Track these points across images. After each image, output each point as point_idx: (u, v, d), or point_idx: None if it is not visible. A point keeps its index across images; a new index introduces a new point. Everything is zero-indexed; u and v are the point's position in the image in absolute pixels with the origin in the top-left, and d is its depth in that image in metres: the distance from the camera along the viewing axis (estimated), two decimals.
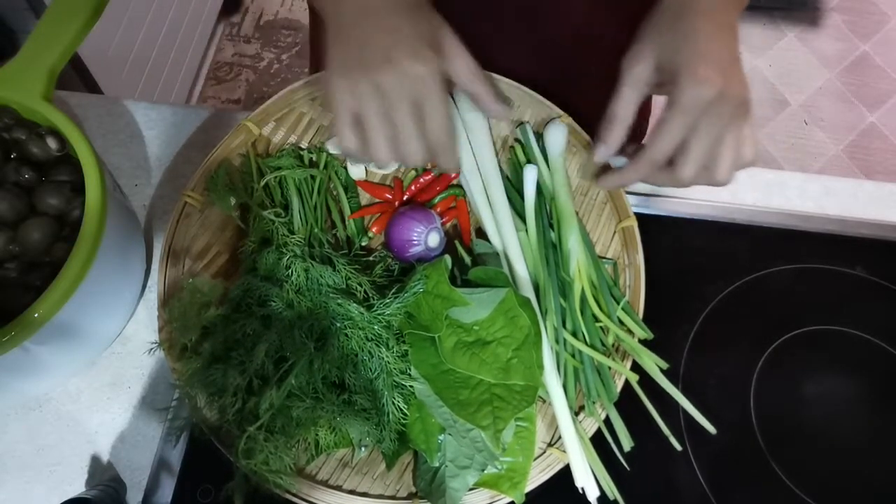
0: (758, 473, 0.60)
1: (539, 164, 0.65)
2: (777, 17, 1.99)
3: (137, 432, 0.61)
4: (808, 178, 0.72)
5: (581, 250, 0.61)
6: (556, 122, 0.66)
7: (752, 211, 0.69)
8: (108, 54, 1.44)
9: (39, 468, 0.60)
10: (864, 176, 1.81)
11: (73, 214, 0.54)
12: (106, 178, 0.54)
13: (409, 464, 0.58)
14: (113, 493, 0.57)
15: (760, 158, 1.80)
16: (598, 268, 0.61)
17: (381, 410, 0.55)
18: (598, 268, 0.62)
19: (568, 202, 0.63)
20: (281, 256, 0.58)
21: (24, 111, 0.57)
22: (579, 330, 0.59)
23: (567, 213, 0.62)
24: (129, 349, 0.64)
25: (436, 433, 0.55)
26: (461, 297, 0.55)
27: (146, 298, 0.65)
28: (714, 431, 0.57)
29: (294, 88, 0.67)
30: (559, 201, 0.63)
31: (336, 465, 0.58)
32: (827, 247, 0.68)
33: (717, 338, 0.65)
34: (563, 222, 0.62)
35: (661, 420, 0.57)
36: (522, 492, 0.55)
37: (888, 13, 2.00)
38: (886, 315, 0.66)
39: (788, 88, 1.91)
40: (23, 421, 0.61)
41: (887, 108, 1.88)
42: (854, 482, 0.60)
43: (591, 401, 0.57)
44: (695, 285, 0.67)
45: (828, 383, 0.64)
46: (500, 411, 0.53)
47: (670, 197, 0.70)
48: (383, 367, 0.55)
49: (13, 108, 0.56)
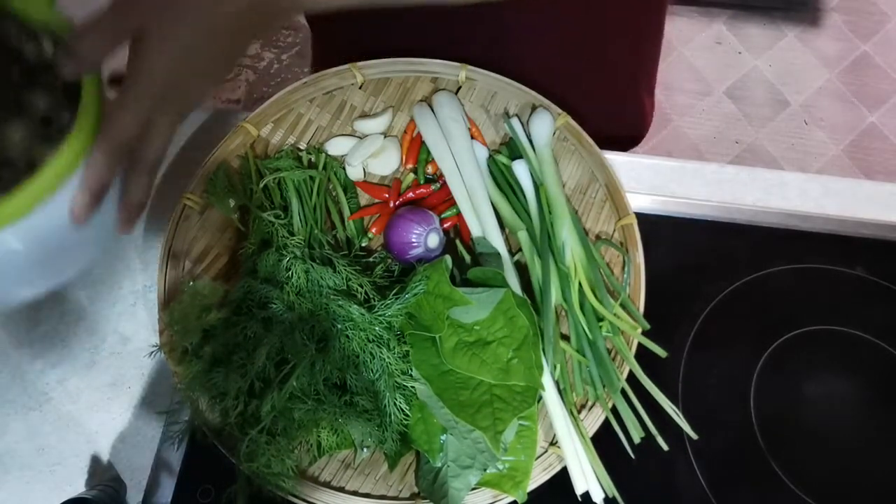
0: (758, 473, 0.60)
1: (527, 156, 0.65)
2: (777, 17, 1.99)
3: (137, 432, 0.61)
4: (808, 178, 0.72)
5: (575, 240, 0.61)
6: (541, 111, 0.66)
7: (752, 211, 0.69)
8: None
9: (39, 468, 0.60)
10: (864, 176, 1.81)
11: (61, 120, 0.49)
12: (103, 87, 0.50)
13: (411, 464, 0.58)
14: (113, 493, 0.57)
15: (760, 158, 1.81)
16: (592, 256, 0.61)
17: (382, 411, 0.55)
18: (593, 256, 0.61)
19: (559, 193, 0.63)
20: (281, 258, 0.58)
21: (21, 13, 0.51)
22: (579, 324, 0.59)
23: (559, 204, 0.62)
24: (130, 349, 0.64)
25: (438, 433, 0.55)
26: (462, 297, 0.55)
27: (146, 299, 0.65)
28: (695, 437, 0.57)
29: (292, 89, 0.67)
30: (550, 192, 0.63)
31: (338, 467, 0.58)
32: (827, 247, 0.68)
33: (717, 338, 0.65)
34: (556, 213, 0.62)
35: (659, 420, 0.57)
36: (525, 491, 0.55)
37: (888, 13, 2.00)
38: (886, 315, 0.66)
39: (788, 88, 1.90)
40: (23, 421, 0.61)
41: (887, 108, 1.88)
42: (854, 482, 0.60)
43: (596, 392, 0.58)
44: (695, 285, 0.67)
45: (828, 383, 0.64)
46: (501, 412, 0.53)
47: (670, 197, 0.70)
48: (385, 368, 0.55)
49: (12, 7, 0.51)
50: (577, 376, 0.59)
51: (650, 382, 0.58)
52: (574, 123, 0.67)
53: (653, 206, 0.69)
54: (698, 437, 0.59)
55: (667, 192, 0.70)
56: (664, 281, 0.64)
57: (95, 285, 0.66)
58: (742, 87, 1.91)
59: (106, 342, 0.64)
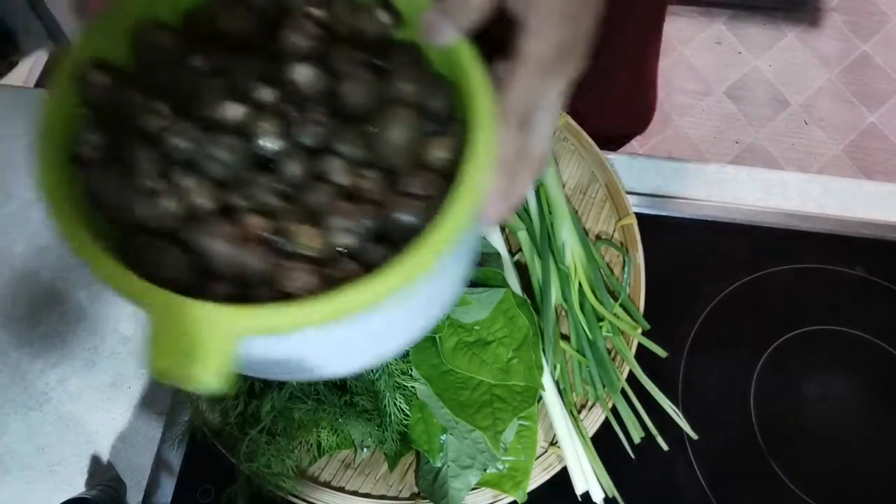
0: (758, 473, 0.60)
1: None
2: (777, 17, 1.99)
3: (137, 432, 0.61)
4: (808, 178, 0.72)
5: (575, 240, 0.61)
6: None
7: (752, 211, 0.69)
8: None
9: (39, 468, 0.60)
10: (864, 176, 1.81)
11: (432, 104, 0.39)
12: None
13: (411, 464, 0.58)
14: (113, 493, 0.57)
15: (760, 158, 1.81)
16: (592, 256, 0.61)
17: (382, 411, 0.55)
18: (593, 256, 0.61)
19: (559, 193, 0.63)
20: None
21: None
22: (579, 324, 0.59)
23: (559, 204, 0.62)
24: (129, 349, 0.64)
25: (438, 433, 0.55)
26: (462, 297, 0.55)
27: None
28: (695, 437, 0.57)
29: None
30: (550, 192, 0.63)
31: (338, 467, 0.58)
32: (827, 247, 0.68)
33: (717, 338, 0.65)
34: (556, 213, 0.62)
35: (659, 420, 0.57)
36: (525, 491, 0.55)
37: (888, 13, 2.00)
38: (886, 315, 0.66)
39: (788, 88, 1.91)
40: (23, 421, 0.61)
41: (887, 108, 1.88)
42: (854, 482, 0.60)
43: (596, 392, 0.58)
44: (695, 285, 0.67)
45: (828, 383, 0.64)
46: (501, 412, 0.53)
47: (670, 197, 0.70)
48: (385, 367, 0.55)
49: None
50: (577, 376, 0.59)
51: (650, 382, 0.58)
52: (574, 123, 0.67)
53: (653, 206, 0.69)
54: (698, 437, 0.59)
55: (667, 192, 0.70)
56: (664, 281, 0.64)
57: (95, 285, 0.66)
58: (742, 87, 1.91)
59: (106, 342, 0.64)
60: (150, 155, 0.35)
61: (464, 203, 0.34)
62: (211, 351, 0.30)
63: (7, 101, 0.74)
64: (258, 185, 0.36)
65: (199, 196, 0.35)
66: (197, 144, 0.36)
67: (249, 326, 0.31)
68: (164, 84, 0.38)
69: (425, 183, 0.36)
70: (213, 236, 0.34)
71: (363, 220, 0.35)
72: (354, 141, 0.38)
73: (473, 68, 0.37)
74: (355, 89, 0.38)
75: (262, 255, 0.34)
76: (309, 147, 0.37)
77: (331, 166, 0.37)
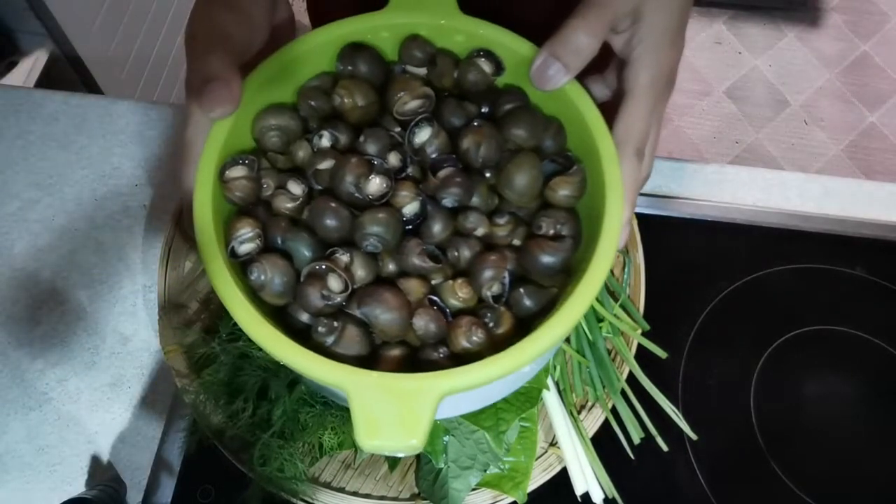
0: (758, 473, 0.60)
1: None
2: (777, 17, 1.99)
3: (137, 432, 0.61)
4: (808, 178, 0.72)
5: None
6: None
7: (752, 211, 0.69)
8: (108, 54, 1.44)
9: (39, 468, 0.60)
10: (864, 176, 1.81)
11: (547, 145, 0.41)
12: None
13: (411, 465, 0.58)
14: (113, 493, 0.56)
15: (760, 158, 1.81)
16: None
17: None
18: None
19: None
20: None
21: (432, 33, 0.43)
22: (579, 324, 0.59)
23: None
24: (129, 349, 0.64)
25: (439, 434, 0.55)
26: None
27: (146, 298, 0.65)
28: (695, 437, 0.57)
29: None
30: None
31: (339, 467, 0.58)
32: (827, 247, 0.68)
33: (717, 338, 0.65)
34: None
35: (659, 420, 0.57)
36: (524, 492, 0.55)
37: (888, 13, 2.00)
38: (886, 315, 0.66)
39: (788, 88, 1.91)
40: (23, 421, 0.61)
41: (887, 108, 1.88)
42: (854, 482, 0.60)
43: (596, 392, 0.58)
44: (695, 285, 0.67)
45: (828, 383, 0.64)
46: (504, 413, 0.54)
47: (670, 197, 0.70)
48: None
49: (421, 32, 0.43)
50: (576, 377, 0.59)
51: (650, 383, 0.58)
52: None
53: (653, 206, 0.69)
54: (698, 438, 0.59)
55: (667, 192, 0.70)
56: (664, 281, 0.64)
57: (95, 285, 0.66)
58: (742, 87, 1.91)
59: (106, 342, 0.64)
60: (306, 241, 0.37)
61: (610, 242, 0.35)
62: (421, 419, 0.31)
63: (7, 101, 0.74)
64: (407, 249, 0.37)
65: (360, 269, 0.37)
66: (348, 223, 0.37)
67: (451, 389, 0.32)
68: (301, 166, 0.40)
69: (556, 223, 0.38)
70: (386, 307, 0.35)
71: (509, 269, 0.37)
72: (483, 192, 0.39)
73: (588, 107, 0.39)
74: (481, 143, 0.39)
75: (435, 317, 0.36)
76: (449, 208, 0.38)
77: (470, 221, 0.38)
